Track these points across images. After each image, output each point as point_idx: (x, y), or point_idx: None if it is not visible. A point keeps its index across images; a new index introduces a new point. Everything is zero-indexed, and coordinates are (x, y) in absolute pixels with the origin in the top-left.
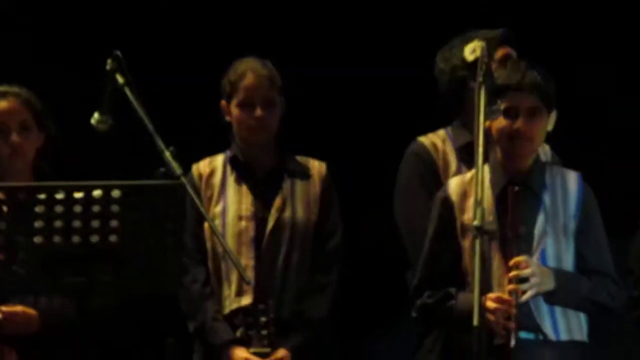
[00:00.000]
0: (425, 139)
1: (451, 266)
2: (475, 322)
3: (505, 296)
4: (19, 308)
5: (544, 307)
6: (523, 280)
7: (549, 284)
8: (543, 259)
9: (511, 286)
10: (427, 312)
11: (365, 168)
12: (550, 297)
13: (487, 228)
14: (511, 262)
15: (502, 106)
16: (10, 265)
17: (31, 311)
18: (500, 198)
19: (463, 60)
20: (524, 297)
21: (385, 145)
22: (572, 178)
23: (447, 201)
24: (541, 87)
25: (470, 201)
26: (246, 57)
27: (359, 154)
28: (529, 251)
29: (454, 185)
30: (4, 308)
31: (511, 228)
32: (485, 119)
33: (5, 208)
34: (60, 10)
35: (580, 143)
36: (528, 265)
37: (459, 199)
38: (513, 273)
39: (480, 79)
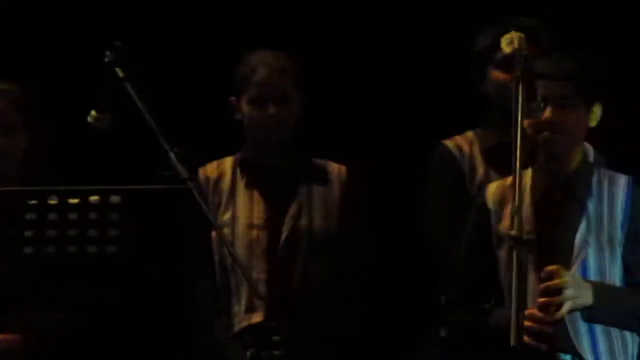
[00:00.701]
0: (449, 142)
1: (487, 280)
2: (513, 341)
3: (537, 313)
4: None
5: (582, 326)
6: (556, 292)
7: (587, 298)
8: (584, 271)
9: (542, 299)
10: (460, 331)
11: (389, 172)
12: (589, 314)
13: (525, 238)
14: (542, 273)
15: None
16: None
17: (12, 337)
18: (540, 205)
19: (489, 48)
20: (559, 313)
21: (413, 147)
22: (622, 183)
23: (483, 208)
24: (577, 74)
25: (509, 208)
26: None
27: (382, 155)
28: (567, 263)
29: (492, 191)
30: None
31: (548, 238)
32: (524, 117)
33: None
34: (61, 10)
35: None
36: (561, 275)
37: (496, 206)
38: (544, 285)
39: (518, 73)
